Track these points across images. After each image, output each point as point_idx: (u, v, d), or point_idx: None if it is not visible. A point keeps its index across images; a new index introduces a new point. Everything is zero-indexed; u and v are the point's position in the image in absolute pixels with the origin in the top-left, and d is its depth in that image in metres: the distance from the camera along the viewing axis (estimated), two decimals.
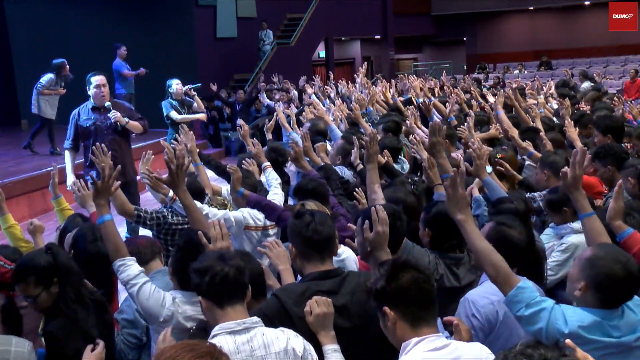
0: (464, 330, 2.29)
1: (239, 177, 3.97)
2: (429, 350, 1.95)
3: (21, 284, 2.73)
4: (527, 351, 1.46)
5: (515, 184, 4.41)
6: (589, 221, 2.68)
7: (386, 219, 2.58)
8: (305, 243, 2.53)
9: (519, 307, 2.26)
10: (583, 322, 2.21)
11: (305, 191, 3.77)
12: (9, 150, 10.72)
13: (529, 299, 2.25)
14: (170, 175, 3.10)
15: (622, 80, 17.45)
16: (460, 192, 2.45)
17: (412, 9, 24.06)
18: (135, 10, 14.68)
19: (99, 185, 2.85)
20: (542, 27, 24.93)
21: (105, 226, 2.77)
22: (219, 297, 2.23)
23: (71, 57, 14.47)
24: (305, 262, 2.55)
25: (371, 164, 3.63)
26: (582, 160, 2.66)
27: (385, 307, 2.01)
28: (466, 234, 2.44)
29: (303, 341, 2.27)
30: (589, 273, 2.27)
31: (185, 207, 3.15)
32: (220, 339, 2.14)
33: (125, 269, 2.69)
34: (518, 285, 2.27)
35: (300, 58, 17.95)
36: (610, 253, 2.31)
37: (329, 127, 5.91)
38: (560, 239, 3.64)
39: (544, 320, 2.22)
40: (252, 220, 3.96)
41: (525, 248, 2.69)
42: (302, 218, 2.56)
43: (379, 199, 3.39)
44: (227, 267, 2.23)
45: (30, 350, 2.37)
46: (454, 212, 2.46)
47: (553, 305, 2.26)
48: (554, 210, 3.68)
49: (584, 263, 2.31)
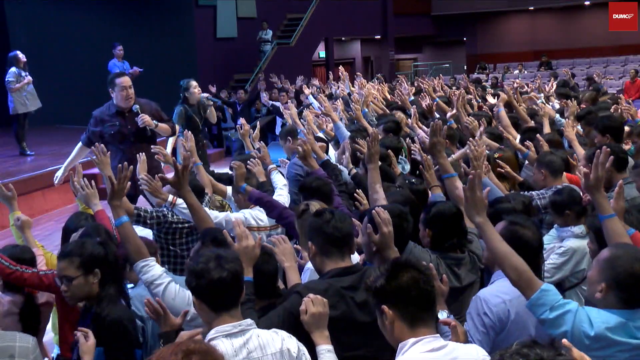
0: (460, 331, 2.30)
1: (243, 172, 3.98)
2: (426, 351, 1.94)
3: (64, 261, 2.75)
4: (523, 351, 1.46)
5: (515, 184, 4.42)
6: (609, 223, 2.65)
7: (389, 219, 2.60)
8: (326, 240, 2.57)
9: (543, 310, 2.23)
10: (609, 324, 2.19)
11: (309, 189, 3.76)
12: (9, 150, 10.72)
13: (553, 302, 2.23)
14: (176, 175, 3.12)
15: (622, 80, 17.44)
16: (478, 195, 2.45)
17: (412, 9, 24.04)
18: (135, 10, 14.68)
19: (115, 186, 2.86)
20: (542, 27, 24.91)
21: (124, 227, 2.78)
22: (214, 303, 2.20)
23: (71, 57, 14.56)
24: (326, 258, 2.59)
25: (372, 164, 3.62)
26: (605, 161, 2.63)
27: (384, 306, 2.01)
28: (486, 237, 2.43)
29: (297, 341, 2.28)
30: (609, 274, 2.25)
31: (190, 206, 3.17)
32: (217, 342, 2.13)
33: (148, 270, 2.69)
34: (541, 288, 2.25)
35: (300, 58, 17.95)
36: (629, 252, 2.30)
37: (336, 125, 5.82)
38: (561, 242, 3.65)
39: (569, 323, 2.19)
40: (254, 221, 3.96)
41: (537, 247, 2.68)
42: (322, 216, 2.60)
43: (381, 199, 3.40)
44: (225, 273, 2.17)
45: (35, 345, 2.38)
46: (472, 215, 2.46)
47: (577, 307, 2.24)
48: (557, 212, 3.68)
49: (602, 264, 2.29)
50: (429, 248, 3.00)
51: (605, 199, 2.67)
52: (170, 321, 2.43)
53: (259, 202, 3.85)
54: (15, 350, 2.30)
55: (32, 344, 2.37)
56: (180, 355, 1.57)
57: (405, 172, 5.05)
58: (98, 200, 3.59)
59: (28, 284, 3.28)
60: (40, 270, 3.29)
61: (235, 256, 2.32)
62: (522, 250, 2.53)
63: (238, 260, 2.29)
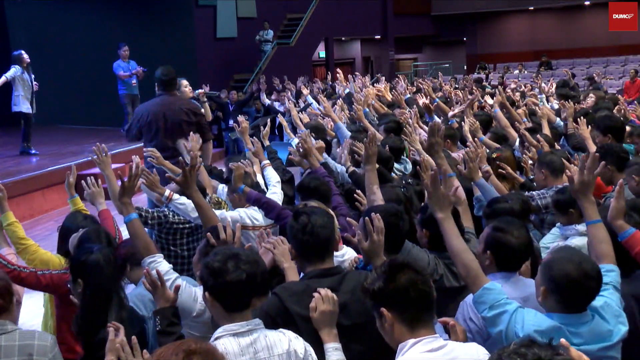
0: (460, 331, 2.30)
1: (241, 174, 3.98)
2: (426, 352, 1.94)
3: None
4: (521, 350, 1.46)
5: (516, 184, 4.42)
6: (593, 228, 2.61)
7: (382, 228, 2.59)
8: (302, 246, 2.56)
9: (483, 308, 2.30)
10: (540, 327, 2.20)
11: (307, 189, 3.76)
12: (9, 150, 10.71)
13: (493, 301, 2.28)
14: (183, 175, 3.14)
15: (622, 80, 17.43)
16: (440, 191, 2.50)
17: (412, 9, 24.04)
18: (135, 10, 14.68)
19: (126, 183, 2.87)
20: (542, 27, 24.91)
21: (133, 224, 2.80)
22: (228, 304, 2.19)
23: (71, 57, 14.55)
24: (305, 261, 2.59)
25: (370, 165, 3.61)
26: (592, 165, 2.57)
27: (383, 308, 2.00)
28: (444, 232, 2.50)
29: (303, 342, 2.27)
30: (547, 277, 2.27)
31: (198, 206, 3.20)
32: (224, 341, 2.13)
33: (156, 265, 2.70)
34: (484, 287, 2.31)
35: (300, 58, 17.96)
36: (565, 254, 2.32)
37: (336, 125, 5.78)
38: (565, 240, 3.64)
39: (504, 323, 2.24)
40: (249, 220, 3.96)
41: (524, 251, 2.69)
42: (298, 220, 2.58)
43: (378, 200, 3.40)
44: (243, 275, 2.17)
45: (53, 344, 2.40)
46: (434, 210, 2.53)
47: (516, 308, 2.27)
48: (560, 211, 3.66)
49: (542, 267, 2.33)
50: (427, 248, 3.00)
51: (592, 204, 2.61)
52: (166, 295, 2.44)
53: (256, 203, 3.85)
54: (34, 349, 2.32)
55: (51, 342, 2.40)
56: (181, 355, 1.57)
57: (407, 172, 5.06)
58: (104, 199, 3.60)
59: (26, 284, 3.27)
60: (38, 270, 3.29)
61: (252, 258, 2.30)
62: (508, 255, 2.61)
63: (254, 262, 2.27)
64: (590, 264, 2.29)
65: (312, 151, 4.29)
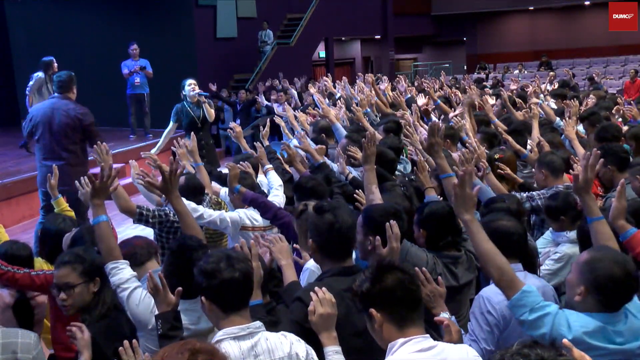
0: (454, 330, 2.30)
1: (236, 174, 3.99)
2: (415, 352, 1.94)
3: (65, 268, 2.78)
4: (524, 351, 1.46)
5: (515, 185, 4.42)
6: (597, 225, 2.63)
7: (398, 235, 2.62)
8: (327, 243, 2.55)
9: (523, 312, 2.24)
10: (587, 328, 2.18)
11: (305, 189, 3.77)
12: (9, 150, 10.70)
13: (533, 304, 2.23)
14: (163, 181, 3.08)
15: (622, 80, 17.45)
16: (468, 192, 2.44)
17: (412, 9, 24.06)
18: (135, 10, 14.67)
19: (97, 184, 2.80)
20: (542, 27, 24.92)
21: (100, 227, 2.73)
22: (225, 304, 2.18)
23: (71, 58, 14.51)
24: (325, 257, 2.59)
25: (368, 165, 3.61)
26: (594, 163, 2.61)
27: (372, 310, 2.01)
28: (471, 235, 2.42)
29: (305, 345, 2.26)
30: (588, 277, 2.23)
31: (178, 213, 3.09)
32: (225, 344, 2.12)
33: (117, 272, 2.65)
34: (522, 289, 2.26)
35: (300, 58, 17.95)
36: (608, 254, 2.29)
37: (334, 126, 5.79)
38: (556, 246, 3.65)
39: (548, 326, 2.20)
40: (248, 220, 3.97)
41: (521, 235, 2.71)
42: (323, 214, 2.57)
43: (377, 200, 3.40)
44: (236, 273, 2.16)
45: (37, 342, 2.39)
46: (460, 212, 2.45)
47: (557, 310, 2.24)
48: (552, 218, 3.67)
49: (582, 267, 2.28)
50: (425, 248, 2.99)
51: (594, 201, 2.65)
52: (168, 299, 2.41)
53: (253, 203, 3.85)
54: (17, 347, 2.32)
55: (34, 340, 2.39)
56: (186, 355, 1.58)
57: (407, 172, 5.06)
58: None
59: (20, 285, 3.29)
60: (32, 271, 3.30)
61: (245, 256, 2.30)
62: (504, 240, 2.58)
63: (248, 261, 2.28)
64: (632, 264, 2.27)
65: (295, 157, 4.32)
